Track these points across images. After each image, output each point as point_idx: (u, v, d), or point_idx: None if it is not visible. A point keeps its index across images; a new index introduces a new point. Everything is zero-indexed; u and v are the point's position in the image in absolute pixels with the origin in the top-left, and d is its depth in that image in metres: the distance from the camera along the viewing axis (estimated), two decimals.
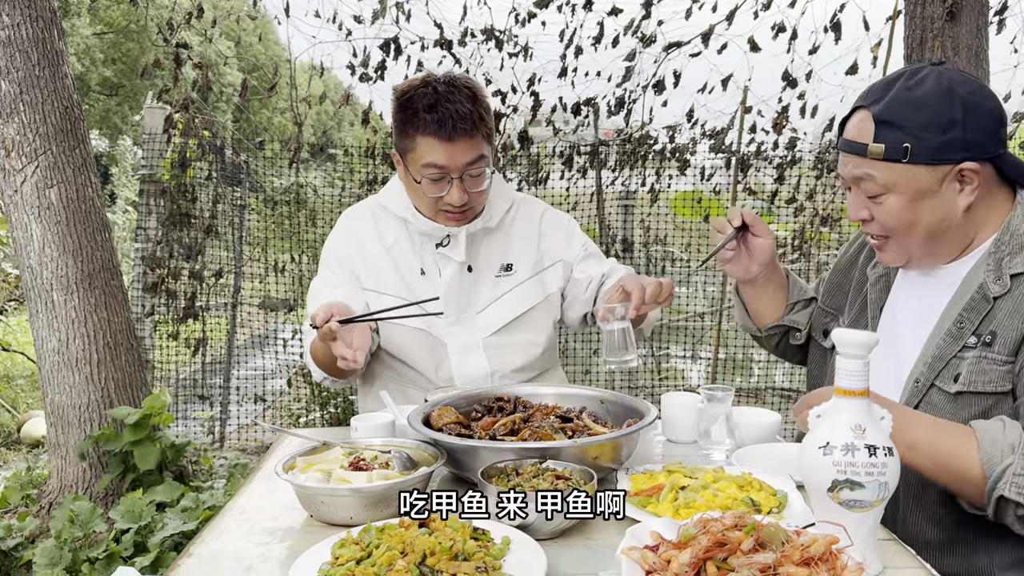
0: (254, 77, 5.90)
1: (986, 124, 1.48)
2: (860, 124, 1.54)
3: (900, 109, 1.48)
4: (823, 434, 1.17)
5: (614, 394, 1.82)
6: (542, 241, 2.25)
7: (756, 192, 5.87)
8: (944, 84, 1.48)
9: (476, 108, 1.96)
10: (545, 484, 1.35)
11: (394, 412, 1.84)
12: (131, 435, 3.58)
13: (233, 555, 1.29)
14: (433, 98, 1.94)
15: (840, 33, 5.07)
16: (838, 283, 1.89)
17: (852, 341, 1.16)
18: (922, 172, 1.48)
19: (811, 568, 1.04)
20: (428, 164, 1.97)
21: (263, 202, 6.05)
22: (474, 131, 1.95)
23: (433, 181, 1.99)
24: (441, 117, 1.92)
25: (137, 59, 19.64)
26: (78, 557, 3.03)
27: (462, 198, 2.00)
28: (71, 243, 3.70)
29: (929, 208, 1.51)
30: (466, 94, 1.96)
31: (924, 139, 1.46)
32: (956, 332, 1.51)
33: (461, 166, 1.97)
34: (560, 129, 5.83)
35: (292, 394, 6.01)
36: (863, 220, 1.59)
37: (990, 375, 1.46)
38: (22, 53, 3.60)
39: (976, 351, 1.48)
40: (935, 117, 1.46)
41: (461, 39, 5.48)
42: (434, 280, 2.13)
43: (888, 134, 1.48)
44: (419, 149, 1.97)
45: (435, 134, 1.93)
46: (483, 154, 2.00)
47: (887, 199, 1.52)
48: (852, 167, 1.55)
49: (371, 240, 2.18)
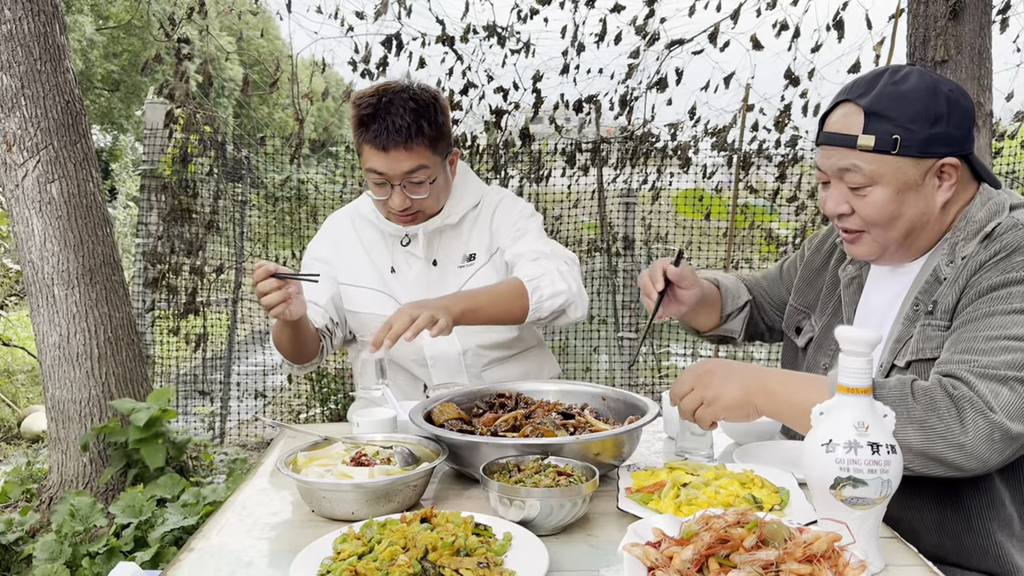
0: (255, 72, 5.89)
1: (965, 122, 1.52)
2: (847, 117, 1.54)
3: (888, 102, 1.50)
4: (826, 431, 1.17)
5: (616, 391, 1.82)
6: (492, 225, 2.29)
7: (757, 190, 5.87)
8: (928, 80, 1.52)
9: (416, 120, 2.01)
10: (547, 480, 1.34)
11: (396, 408, 1.84)
12: (138, 433, 3.57)
13: (234, 550, 1.29)
14: (373, 109, 2.03)
15: (843, 31, 5.08)
16: (810, 281, 1.91)
17: (855, 338, 1.16)
18: (908, 165, 1.51)
19: (813, 565, 1.04)
20: (369, 170, 2.08)
21: (264, 198, 6.05)
22: (410, 142, 2.01)
23: (376, 185, 2.10)
24: (377, 128, 2.01)
25: (139, 54, 19.61)
26: (78, 552, 3.03)
27: (403, 203, 2.09)
28: (72, 238, 3.70)
29: (912, 202, 1.53)
30: (409, 106, 2.02)
31: (913, 131, 1.48)
32: (911, 314, 1.56)
33: (400, 174, 2.05)
34: (562, 126, 5.83)
35: (292, 390, 6.01)
36: (842, 214, 1.60)
37: (934, 340, 1.50)
38: (24, 48, 3.59)
39: (922, 320, 1.53)
40: (923, 111, 1.48)
41: (463, 35, 5.48)
42: (403, 276, 2.23)
43: (878, 125, 1.49)
44: (364, 155, 2.08)
45: (372, 143, 2.03)
46: (423, 164, 2.05)
47: (872, 191, 1.54)
48: (838, 159, 1.56)
49: (349, 241, 2.29)
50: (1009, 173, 5.68)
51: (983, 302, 1.43)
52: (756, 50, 5.24)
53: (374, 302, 2.22)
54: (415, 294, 2.15)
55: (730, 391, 1.45)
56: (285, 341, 2.04)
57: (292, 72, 5.62)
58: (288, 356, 2.11)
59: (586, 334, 5.91)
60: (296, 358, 2.12)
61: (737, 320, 2.03)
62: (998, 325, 1.39)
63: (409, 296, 2.17)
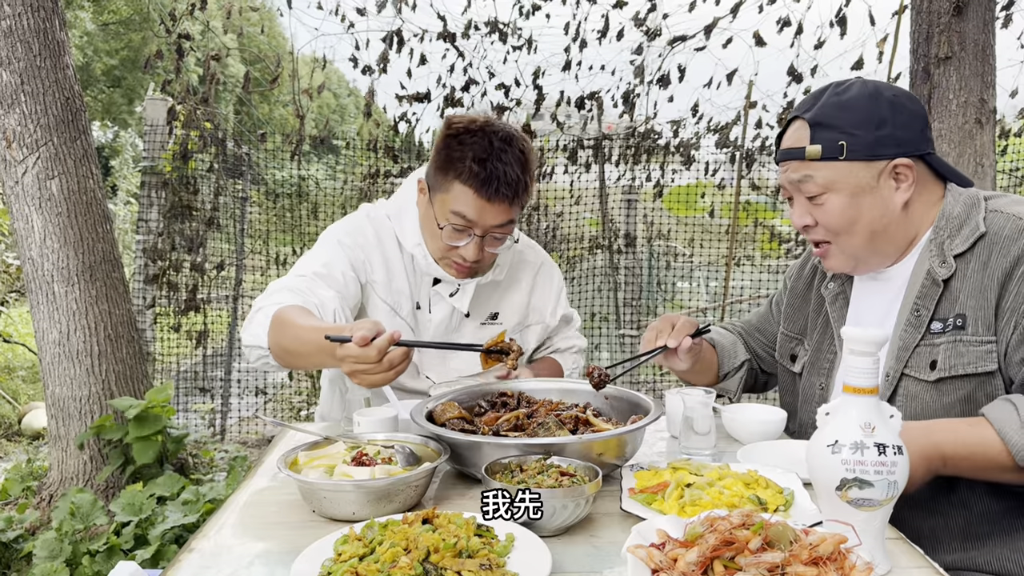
0: (256, 69, 5.87)
1: (914, 123, 1.57)
2: (796, 132, 1.62)
3: (831, 112, 1.57)
4: (832, 432, 1.16)
5: (618, 389, 1.81)
6: (532, 296, 2.26)
7: (760, 188, 5.86)
8: (870, 88, 1.58)
9: (524, 176, 1.89)
10: (550, 481, 1.33)
11: (397, 407, 1.82)
12: (134, 429, 3.56)
13: (235, 551, 1.28)
14: (487, 151, 1.86)
15: (846, 28, 5.05)
16: (797, 307, 1.93)
17: (861, 338, 1.15)
18: (859, 169, 1.55)
19: (819, 568, 1.03)
20: (457, 213, 1.89)
21: (265, 195, 6.03)
22: (515, 199, 1.90)
23: (455, 230, 1.93)
24: (489, 175, 1.84)
25: (140, 50, 19.58)
26: (78, 550, 3.02)
27: (476, 255, 1.95)
28: (72, 235, 3.69)
29: (869, 205, 1.57)
30: (518, 157, 1.89)
31: (858, 136, 1.54)
32: (915, 320, 1.57)
33: (488, 226, 1.92)
34: (563, 123, 5.82)
35: (293, 387, 6.00)
36: (807, 226, 1.65)
37: (968, 356, 1.50)
38: (23, 43, 3.58)
39: (948, 335, 1.53)
40: (865, 116, 1.54)
41: (465, 32, 5.46)
42: (428, 316, 2.12)
43: (823, 134, 1.56)
44: (454, 192, 1.89)
45: (476, 189, 1.86)
46: (512, 220, 1.95)
47: (828, 199, 1.59)
48: (791, 172, 1.62)
49: (396, 261, 2.11)
50: (1014, 170, 5.65)
51: None
52: (759, 47, 5.22)
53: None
54: (435, 337, 2.11)
55: (916, 474, 1.35)
56: (293, 351, 1.76)
57: (293, 68, 5.60)
58: (282, 362, 1.86)
59: (587, 332, 5.90)
60: (297, 367, 1.95)
61: (733, 380, 2.05)
62: None
63: (428, 337, 2.12)
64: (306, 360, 1.80)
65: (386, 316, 2.08)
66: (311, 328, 1.67)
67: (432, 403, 1.72)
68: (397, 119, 5.73)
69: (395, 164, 5.72)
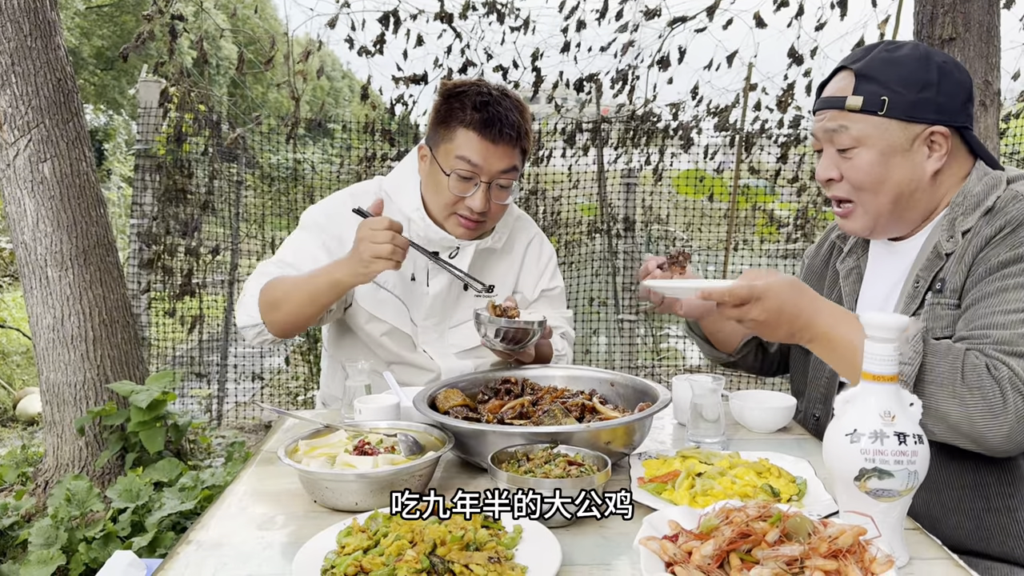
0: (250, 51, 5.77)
1: (957, 93, 1.55)
2: (840, 82, 1.61)
3: (879, 66, 1.55)
4: (850, 421, 1.12)
5: (624, 376, 1.78)
6: (521, 271, 2.25)
7: (759, 171, 5.82)
8: (921, 50, 1.57)
9: (523, 121, 1.96)
10: (557, 470, 1.30)
11: (399, 394, 1.79)
12: (139, 416, 3.52)
13: (234, 542, 1.24)
14: (486, 98, 1.92)
15: (846, 9, 5.00)
16: (814, 284, 1.92)
17: (882, 324, 1.11)
18: (895, 128, 1.54)
19: (839, 561, 1.00)
20: (462, 157, 1.92)
21: (260, 178, 5.97)
22: (516, 141, 1.94)
23: (461, 178, 1.94)
24: (490, 116, 1.90)
25: (132, 32, 19.37)
26: (74, 537, 2.99)
27: (484, 205, 1.96)
28: (65, 218, 3.63)
29: (898, 166, 1.56)
30: (516, 106, 1.96)
31: (901, 94, 1.53)
32: (913, 291, 1.58)
33: (494, 172, 1.94)
34: (561, 105, 5.76)
35: (290, 372, 5.97)
36: (831, 180, 1.64)
37: (944, 320, 1.51)
38: (13, 23, 3.50)
39: (930, 298, 1.54)
40: (911, 76, 1.53)
41: (462, 12, 5.39)
42: (424, 289, 2.10)
43: (867, 87, 1.55)
44: (457, 140, 1.93)
45: (479, 131, 1.90)
46: (516, 165, 1.98)
47: (858, 153, 1.57)
48: (828, 120, 1.61)
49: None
50: (1014, 153, 5.62)
51: (995, 278, 1.45)
52: (759, 28, 5.16)
53: (391, 311, 2.07)
54: (431, 311, 2.10)
55: (774, 335, 1.47)
56: (302, 301, 1.84)
57: (288, 50, 5.53)
58: (286, 319, 1.90)
59: (586, 317, 5.87)
60: (292, 324, 1.92)
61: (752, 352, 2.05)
62: (1013, 300, 1.40)
63: (423, 311, 2.09)
64: (301, 295, 1.85)
65: (368, 289, 2.06)
66: (304, 274, 1.87)
67: (434, 390, 1.68)
68: (393, 101, 5.66)
69: (391, 147, 5.65)
